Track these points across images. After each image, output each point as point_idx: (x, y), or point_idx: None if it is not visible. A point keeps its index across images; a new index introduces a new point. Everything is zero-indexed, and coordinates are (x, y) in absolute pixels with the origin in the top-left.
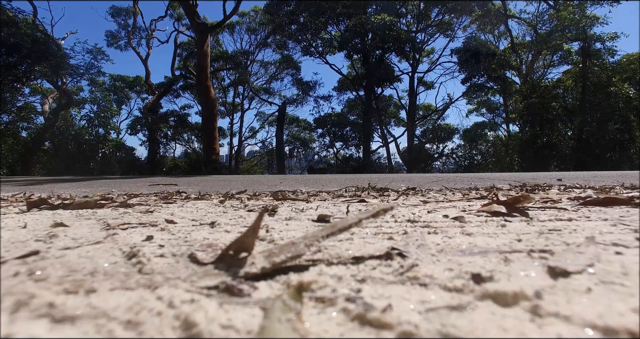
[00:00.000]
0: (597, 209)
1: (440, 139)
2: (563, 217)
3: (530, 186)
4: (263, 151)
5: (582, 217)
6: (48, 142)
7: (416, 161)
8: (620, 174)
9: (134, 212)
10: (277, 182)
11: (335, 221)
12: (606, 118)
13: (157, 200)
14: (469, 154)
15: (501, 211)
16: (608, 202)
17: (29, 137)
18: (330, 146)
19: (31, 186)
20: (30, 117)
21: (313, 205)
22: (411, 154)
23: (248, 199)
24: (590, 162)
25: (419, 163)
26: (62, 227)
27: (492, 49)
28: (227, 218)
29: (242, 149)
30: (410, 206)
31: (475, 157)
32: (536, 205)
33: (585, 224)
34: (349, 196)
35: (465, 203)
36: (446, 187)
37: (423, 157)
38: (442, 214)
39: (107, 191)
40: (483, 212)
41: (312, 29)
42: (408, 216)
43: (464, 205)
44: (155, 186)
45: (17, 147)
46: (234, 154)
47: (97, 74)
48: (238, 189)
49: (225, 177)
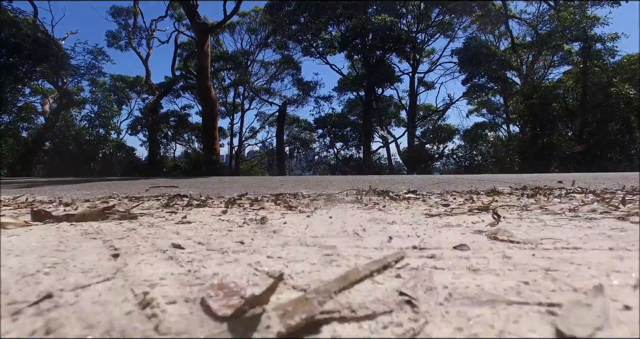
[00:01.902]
0: (601, 231)
1: (441, 140)
2: (568, 246)
3: (531, 189)
4: (263, 151)
5: (587, 244)
6: (49, 142)
7: (417, 161)
8: (621, 176)
9: (139, 227)
10: (278, 184)
11: (347, 273)
12: (607, 119)
13: (160, 208)
14: (470, 154)
15: (504, 238)
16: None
17: (29, 138)
18: (330, 147)
19: (32, 188)
20: (31, 117)
21: (318, 217)
22: (411, 154)
23: (250, 205)
24: (590, 163)
25: (420, 164)
26: (70, 251)
27: (492, 50)
28: (232, 240)
29: (243, 150)
30: (414, 224)
31: (476, 158)
32: (539, 222)
33: (592, 257)
34: (349, 200)
35: (468, 218)
36: (447, 191)
37: (423, 157)
38: (446, 237)
39: (108, 193)
40: (486, 235)
41: (312, 29)
42: (413, 238)
43: (467, 222)
44: (156, 188)
45: (17, 147)
46: (234, 154)
47: (97, 74)
48: (239, 191)
49: (226, 178)
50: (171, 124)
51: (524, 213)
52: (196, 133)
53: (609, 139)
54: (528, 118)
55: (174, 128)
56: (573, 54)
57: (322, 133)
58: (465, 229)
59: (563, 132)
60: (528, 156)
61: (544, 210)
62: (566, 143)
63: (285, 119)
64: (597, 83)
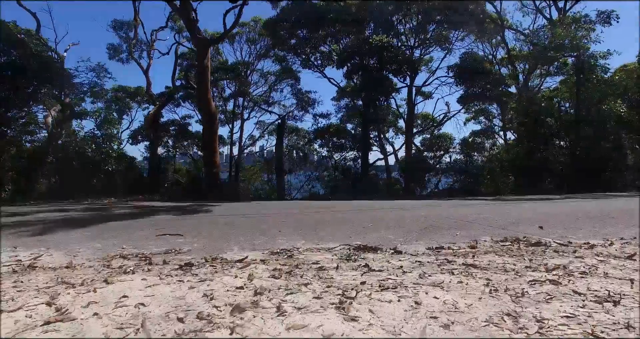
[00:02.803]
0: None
1: (439, 147)
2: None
3: (511, 239)
4: (262, 160)
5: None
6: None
7: (414, 171)
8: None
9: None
10: (277, 230)
11: None
12: (599, 135)
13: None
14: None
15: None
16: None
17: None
18: (329, 158)
19: (39, 238)
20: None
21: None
22: (409, 164)
23: (249, 279)
24: (583, 181)
25: (417, 172)
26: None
27: (487, 68)
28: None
29: (242, 159)
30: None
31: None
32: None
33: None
34: (345, 267)
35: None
36: (429, 248)
37: (421, 166)
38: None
39: (118, 244)
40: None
41: (311, 43)
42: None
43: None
44: (162, 238)
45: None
46: (234, 162)
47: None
48: (237, 241)
49: (221, 217)
50: (172, 132)
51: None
52: (196, 141)
53: (601, 156)
54: (523, 133)
55: (174, 136)
56: (568, 65)
57: (321, 143)
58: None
59: (557, 146)
60: (522, 171)
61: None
62: (559, 161)
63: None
64: (589, 98)
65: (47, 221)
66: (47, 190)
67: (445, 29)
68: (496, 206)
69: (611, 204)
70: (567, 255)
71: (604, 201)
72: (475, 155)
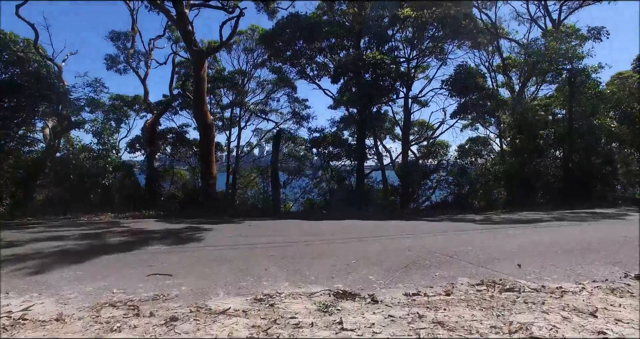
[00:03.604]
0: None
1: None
2: None
3: (487, 282)
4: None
5: None
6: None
7: (410, 178)
8: (588, 245)
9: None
10: (263, 268)
11: None
12: (591, 149)
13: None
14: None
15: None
16: None
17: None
18: (325, 168)
19: (33, 279)
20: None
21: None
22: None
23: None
24: (575, 193)
25: (413, 179)
26: None
27: (480, 83)
28: None
29: (240, 166)
30: None
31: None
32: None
33: None
34: (321, 324)
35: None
36: (407, 294)
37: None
38: None
39: (109, 290)
40: None
41: (306, 55)
42: None
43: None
44: (152, 277)
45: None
46: (231, 170)
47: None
48: (225, 279)
49: (217, 242)
50: (169, 140)
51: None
52: (193, 149)
53: (592, 170)
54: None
55: (171, 144)
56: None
57: (317, 153)
58: None
59: (550, 159)
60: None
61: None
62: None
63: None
64: (581, 112)
65: (43, 253)
66: (44, 203)
67: (440, 40)
68: (482, 233)
69: (597, 230)
70: (534, 309)
71: (590, 226)
72: (469, 167)
